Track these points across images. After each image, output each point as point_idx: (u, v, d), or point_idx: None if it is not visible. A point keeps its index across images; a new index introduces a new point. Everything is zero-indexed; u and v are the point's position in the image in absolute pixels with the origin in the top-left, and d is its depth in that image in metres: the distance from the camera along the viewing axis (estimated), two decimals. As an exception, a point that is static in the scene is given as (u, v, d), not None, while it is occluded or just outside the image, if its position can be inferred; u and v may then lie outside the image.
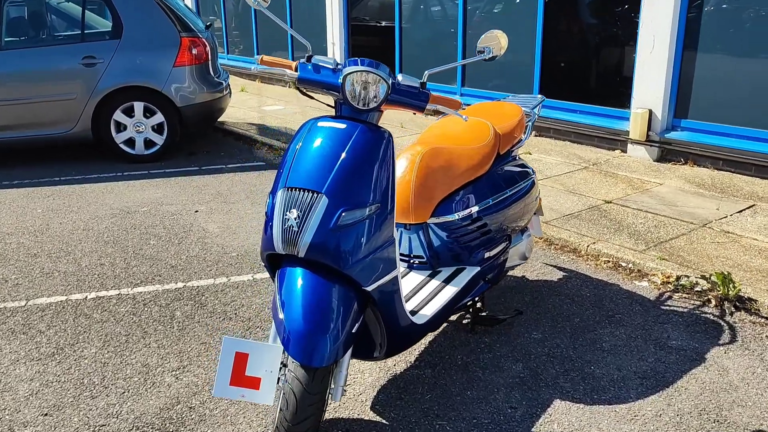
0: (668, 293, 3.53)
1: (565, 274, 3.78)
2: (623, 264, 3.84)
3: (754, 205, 4.71)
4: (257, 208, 5.02)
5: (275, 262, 2.42)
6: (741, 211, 4.59)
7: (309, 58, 2.40)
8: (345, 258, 2.18)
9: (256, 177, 5.88)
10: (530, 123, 3.29)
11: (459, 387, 2.73)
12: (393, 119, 7.95)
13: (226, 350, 2.16)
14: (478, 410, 2.58)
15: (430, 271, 2.86)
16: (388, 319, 2.34)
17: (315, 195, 2.19)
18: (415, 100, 2.39)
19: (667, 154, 5.88)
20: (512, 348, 3.01)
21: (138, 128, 6.35)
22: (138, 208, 5.05)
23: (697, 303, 3.42)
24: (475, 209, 2.82)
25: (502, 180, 2.99)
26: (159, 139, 6.42)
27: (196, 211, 4.95)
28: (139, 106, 6.31)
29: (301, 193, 2.21)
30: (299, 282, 2.20)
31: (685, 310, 3.35)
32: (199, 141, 7.28)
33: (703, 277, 3.50)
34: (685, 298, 3.47)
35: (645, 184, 5.26)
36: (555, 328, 3.18)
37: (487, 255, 2.92)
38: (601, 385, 2.73)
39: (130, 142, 6.39)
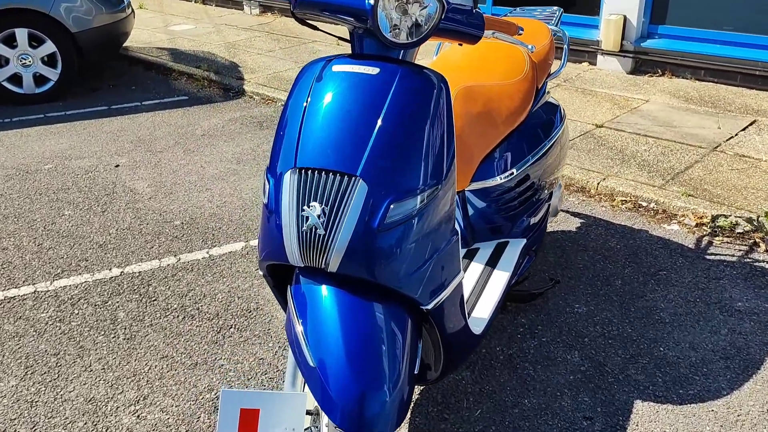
0: (706, 238, 3.05)
1: (582, 221, 3.23)
2: (644, 204, 3.33)
3: (755, 120, 4.28)
4: (192, 157, 4.15)
5: (280, 272, 1.70)
6: (745, 128, 4.16)
7: None
8: (398, 271, 1.49)
9: (181, 115, 4.94)
10: (565, 46, 2.61)
11: (512, 394, 2.15)
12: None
13: (226, 408, 1.46)
14: (545, 426, 2.02)
15: (465, 250, 2.21)
16: (447, 335, 1.69)
17: (348, 180, 1.46)
18: (469, 27, 1.65)
19: (642, 65, 5.36)
20: (558, 330, 2.44)
21: (24, 61, 5.18)
22: (40, 166, 4.06)
23: (744, 248, 2.95)
24: (518, 167, 2.15)
25: (540, 123, 2.33)
26: (52, 74, 5.28)
27: (117, 166, 4.03)
28: (22, 34, 5.12)
29: (324, 176, 1.48)
30: (332, 308, 1.50)
31: (734, 258, 2.88)
32: (102, 73, 6.13)
33: (748, 221, 3.03)
34: (727, 242, 3.00)
35: (629, 101, 4.73)
36: (598, 296, 2.64)
37: (532, 221, 2.29)
38: (681, 374, 2.22)
39: (16, 79, 5.23)
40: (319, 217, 1.48)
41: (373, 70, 1.54)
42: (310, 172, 1.50)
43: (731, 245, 2.98)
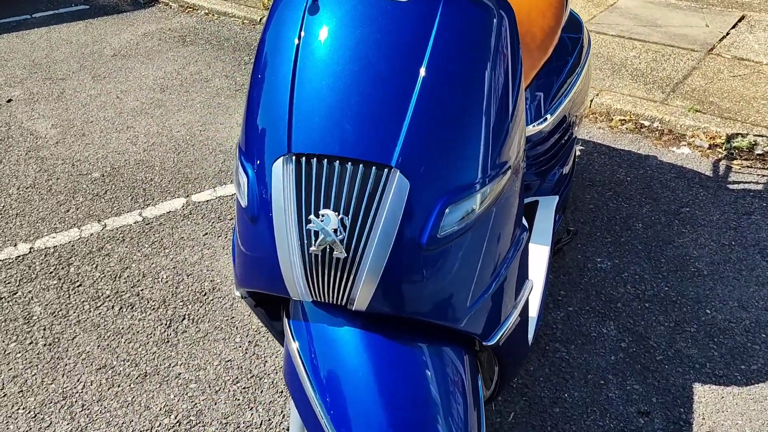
0: (723, 162, 2.68)
1: (581, 147, 2.79)
2: (647, 123, 2.91)
3: (743, 16, 3.88)
4: (104, 85, 3.42)
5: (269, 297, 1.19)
6: (735, 25, 3.75)
7: None
8: (455, 303, 1.02)
9: (83, 30, 4.10)
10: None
11: (548, 387, 1.76)
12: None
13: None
14: (596, 429, 1.65)
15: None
16: (503, 355, 1.24)
17: (378, 173, 0.95)
18: None
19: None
20: (585, 294, 2.05)
21: None
22: None
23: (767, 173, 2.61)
24: (552, 110, 1.65)
25: (569, 46, 1.81)
26: None
27: (9, 101, 3.26)
28: None
29: (340, 168, 0.96)
30: (361, 359, 1.02)
31: (760, 186, 2.53)
32: None
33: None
34: (747, 167, 2.65)
35: (603, -3, 4.22)
36: (620, 246, 2.24)
37: (563, 172, 1.82)
38: (738, 343, 1.88)
39: None
40: (336, 231, 0.96)
41: (405, -6, 0.98)
42: (315, 161, 0.97)
43: (753, 170, 2.63)
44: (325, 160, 0.96)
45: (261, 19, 4.16)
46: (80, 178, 2.66)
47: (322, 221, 0.96)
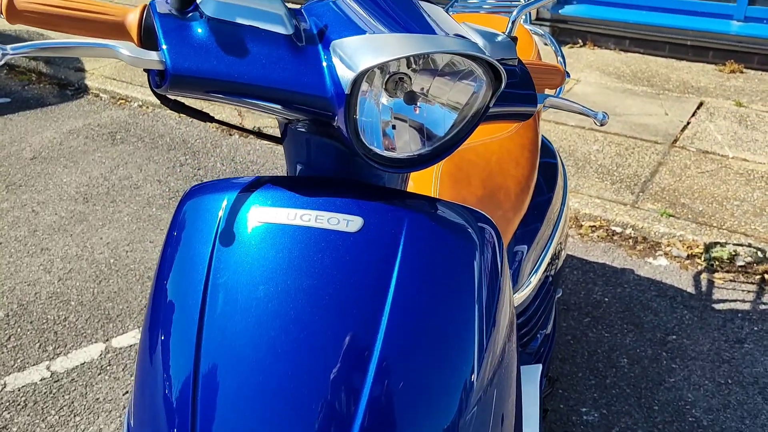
0: (704, 275, 2.47)
1: (551, 261, 2.55)
2: (618, 230, 2.70)
3: (701, 103, 3.78)
4: (19, 196, 3.05)
5: None
6: (694, 113, 3.64)
7: None
8: None
9: (2, 128, 3.74)
10: (559, 56, 1.84)
11: None
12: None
13: None
14: None
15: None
16: None
17: None
18: (520, 102, 0.86)
19: (560, 34, 4.74)
20: (574, 460, 1.76)
21: None
22: None
23: (752, 287, 2.40)
24: (534, 271, 1.39)
25: (545, 186, 1.57)
26: None
27: None
28: None
29: None
30: None
31: (747, 304, 2.32)
32: None
33: (748, 248, 2.48)
34: (731, 281, 2.44)
35: (558, 82, 4.09)
36: (607, 390, 1.97)
37: (546, 332, 1.55)
38: None
39: None
40: None
41: (351, 221, 0.71)
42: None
43: (737, 284, 2.42)
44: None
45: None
46: (-20, 319, 2.27)
47: None
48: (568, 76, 1.05)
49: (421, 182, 1.22)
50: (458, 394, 0.72)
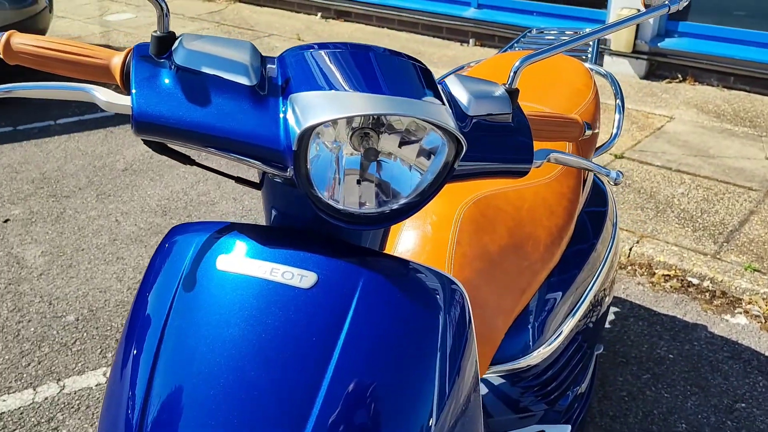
0: (787, 339, 2.26)
1: (615, 309, 2.42)
2: (695, 282, 2.52)
3: (808, 147, 3.49)
4: (106, 205, 3.25)
5: None
6: (798, 159, 3.37)
7: (164, 41, 0.75)
8: None
9: (102, 140, 4.00)
10: (618, 100, 1.76)
11: None
12: (286, 31, 6.11)
13: None
14: None
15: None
16: None
17: None
18: (512, 158, 0.82)
19: (658, 68, 4.54)
20: None
21: None
22: None
23: (842, 358, 2.17)
24: (562, 326, 1.31)
25: (588, 234, 1.49)
26: (-54, 85, 4.30)
27: (6, 221, 3.11)
28: None
29: None
30: None
31: (833, 377, 2.10)
32: (12, 82, 5.14)
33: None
34: (817, 348, 2.22)
35: (650, 119, 3.91)
36: (658, 455, 1.84)
37: (579, 392, 1.46)
38: None
39: None
40: None
41: (305, 277, 0.70)
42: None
43: (824, 353, 2.20)
44: None
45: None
46: (53, 321, 2.42)
47: None
48: (589, 128, 0.98)
49: (440, 228, 1.19)
50: None
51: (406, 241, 1.19)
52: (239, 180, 0.89)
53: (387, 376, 0.68)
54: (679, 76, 4.46)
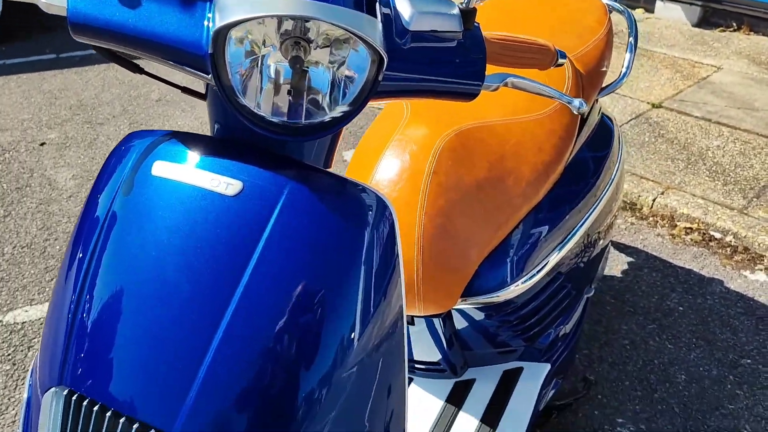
0: (807, 299, 2.19)
1: (629, 259, 2.38)
2: (717, 236, 2.45)
3: None
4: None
5: None
6: None
7: None
8: None
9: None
10: (631, 38, 1.68)
11: None
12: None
13: None
14: None
15: (453, 382, 1.39)
16: None
17: None
18: (461, 79, 0.81)
19: (713, 15, 4.31)
20: (592, 470, 1.65)
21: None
22: (-48, 139, 3.27)
23: None
24: (543, 261, 1.30)
25: (583, 173, 1.45)
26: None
27: (42, 144, 3.22)
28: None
29: (112, 424, 0.68)
30: None
31: None
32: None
33: None
34: (837, 309, 2.14)
35: (696, 67, 3.74)
36: (652, 405, 1.82)
37: (561, 333, 1.45)
38: None
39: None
40: None
41: (231, 185, 0.71)
42: (85, 405, 0.70)
43: (843, 315, 2.12)
44: (98, 407, 0.69)
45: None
46: (78, 241, 2.52)
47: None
48: (562, 57, 0.95)
49: (418, 157, 1.18)
50: (333, 348, 0.70)
51: (383, 169, 1.18)
52: (185, 90, 0.89)
53: (306, 285, 0.69)
54: (734, 24, 4.23)
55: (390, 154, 1.19)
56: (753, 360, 1.96)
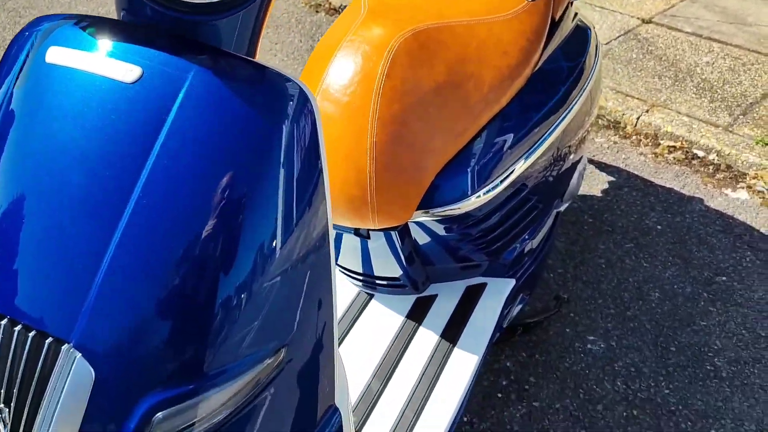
0: (787, 216, 2.15)
1: (610, 178, 2.32)
2: (701, 154, 2.39)
3: None
4: None
5: None
6: None
7: None
8: None
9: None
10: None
11: None
12: None
13: None
14: None
15: (415, 298, 1.36)
16: None
17: (55, 349, 0.62)
18: None
19: (710, -73, 4.10)
20: (560, 386, 1.64)
21: None
22: None
23: (841, 239, 2.06)
24: (507, 171, 1.24)
25: (552, 76, 1.37)
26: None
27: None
28: None
29: (7, 333, 0.64)
30: None
31: (827, 257, 2.00)
32: None
33: None
34: (817, 227, 2.11)
35: (690, -18, 3.58)
36: (624, 322, 1.81)
37: (527, 248, 1.41)
38: (742, 487, 1.45)
39: None
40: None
41: (131, 71, 0.64)
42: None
43: (823, 232, 2.09)
44: (6, 321, 0.64)
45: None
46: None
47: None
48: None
49: (370, 59, 1.10)
50: (250, 253, 0.65)
51: (334, 72, 1.11)
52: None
53: (213, 181, 0.63)
54: (732, -64, 4.03)
55: (341, 56, 1.11)
56: (728, 277, 1.94)
